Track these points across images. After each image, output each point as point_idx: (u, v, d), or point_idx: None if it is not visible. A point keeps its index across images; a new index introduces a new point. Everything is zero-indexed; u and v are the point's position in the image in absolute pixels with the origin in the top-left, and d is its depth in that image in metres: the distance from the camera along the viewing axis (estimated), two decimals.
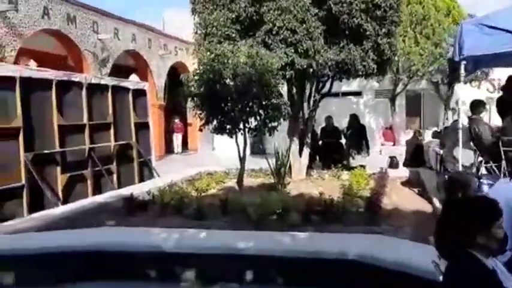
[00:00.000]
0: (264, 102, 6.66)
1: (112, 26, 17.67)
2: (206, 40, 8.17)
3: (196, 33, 9.19)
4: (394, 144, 22.89)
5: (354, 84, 22.93)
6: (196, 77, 6.80)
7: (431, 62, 18.61)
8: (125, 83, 11.01)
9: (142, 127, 11.73)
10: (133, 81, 11.48)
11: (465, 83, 22.12)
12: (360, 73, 8.66)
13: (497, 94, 26.44)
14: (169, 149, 23.21)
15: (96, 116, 9.99)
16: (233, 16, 8.29)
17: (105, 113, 10.30)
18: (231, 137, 7.14)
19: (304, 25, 8.11)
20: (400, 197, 8.32)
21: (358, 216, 6.65)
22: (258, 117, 6.84)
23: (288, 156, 9.21)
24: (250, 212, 6.72)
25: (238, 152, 7.62)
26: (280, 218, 6.52)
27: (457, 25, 19.65)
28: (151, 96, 17.49)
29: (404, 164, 12.13)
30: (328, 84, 10.36)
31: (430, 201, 7.86)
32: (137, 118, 11.40)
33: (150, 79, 19.73)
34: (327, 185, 9.45)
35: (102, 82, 10.36)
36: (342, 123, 14.41)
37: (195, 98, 6.91)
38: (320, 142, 12.49)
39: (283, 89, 8.85)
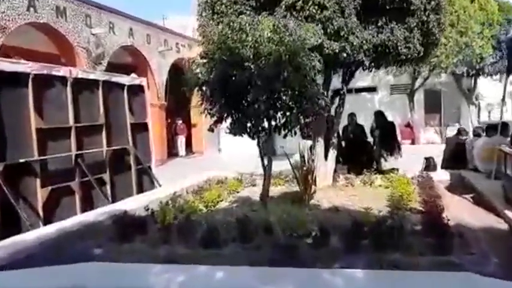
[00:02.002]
0: (297, 91, 5.06)
1: (107, 19, 16.18)
2: (214, 21, 6.60)
3: (201, 14, 7.65)
4: (412, 143, 21.31)
5: (367, 79, 21.37)
6: (204, 60, 5.23)
7: (455, 52, 16.99)
8: (118, 78, 9.48)
9: (141, 129, 10.18)
10: (128, 77, 9.92)
11: (489, 75, 20.70)
12: (404, 57, 7.06)
13: None
14: (172, 153, 21.73)
15: (85, 117, 8.45)
16: None
17: (96, 113, 8.76)
18: (253, 138, 5.57)
19: None
20: (457, 208, 6.75)
21: (420, 240, 5.08)
22: (288, 111, 5.22)
23: (314, 160, 7.61)
24: (277, 234, 5.18)
25: (262, 158, 6.03)
26: (318, 243, 4.97)
27: (483, 11, 18.19)
28: (151, 96, 16.03)
29: (443, 166, 10.57)
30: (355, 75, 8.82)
31: (498, 214, 6.31)
32: (134, 119, 9.86)
33: (150, 77, 18.23)
34: (361, 194, 7.90)
35: (91, 77, 8.81)
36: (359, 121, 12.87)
37: (204, 88, 5.32)
38: (343, 143, 10.90)
39: None
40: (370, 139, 11.11)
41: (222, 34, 5.02)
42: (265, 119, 5.28)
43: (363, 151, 10.48)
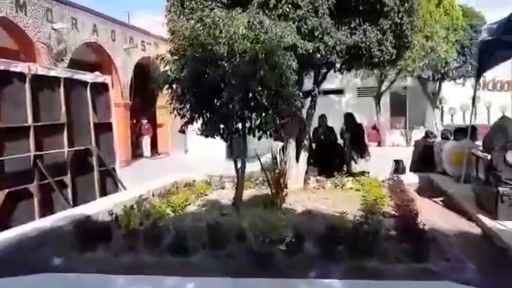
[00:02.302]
0: (273, 91, 4.83)
1: (69, 15, 15.56)
2: (184, 16, 6.30)
3: (169, 10, 7.33)
4: (379, 145, 21.52)
5: (335, 81, 21.45)
6: (175, 57, 4.94)
7: (421, 56, 17.21)
8: (81, 76, 9.03)
9: (104, 129, 9.76)
10: (92, 74, 9.48)
11: (452, 79, 21.13)
12: (376, 60, 6.96)
13: (482, 92, 25.69)
14: (136, 153, 21.18)
15: (45, 116, 7.99)
16: None
17: (56, 112, 8.30)
18: (226, 140, 5.31)
19: None
20: (429, 212, 6.69)
21: (396, 245, 4.96)
22: (264, 112, 4.98)
23: (286, 162, 7.42)
24: (250, 240, 4.96)
25: (235, 160, 5.78)
26: (293, 250, 4.77)
27: (448, 16, 18.52)
28: (116, 95, 15.54)
29: (412, 169, 10.59)
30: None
31: (470, 218, 6.28)
32: (98, 118, 9.43)
33: (114, 75, 17.69)
34: (333, 197, 7.77)
35: (52, 74, 8.34)
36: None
37: (174, 86, 5.03)
38: (313, 144, 10.76)
39: None
40: (339, 141, 11.03)
41: (194, 29, 4.75)
42: (239, 120, 5.03)
43: (333, 153, 10.39)
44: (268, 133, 5.29)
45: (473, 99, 9.18)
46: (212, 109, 4.96)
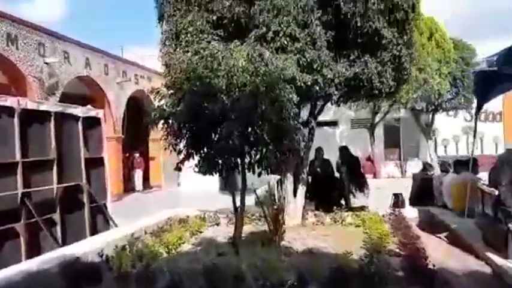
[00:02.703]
0: (274, 125, 4.62)
1: (62, 48, 15.46)
2: (180, 48, 6.16)
3: (164, 43, 7.21)
4: (374, 177, 21.32)
5: (329, 113, 21.42)
6: (171, 90, 4.74)
7: (415, 88, 17.22)
8: (72, 110, 8.80)
9: (96, 164, 9.47)
10: (84, 108, 9.26)
11: (445, 110, 21.16)
12: (376, 92, 6.82)
13: (473, 123, 25.73)
14: (128, 187, 20.79)
15: (34, 152, 7.70)
16: (214, 18, 6.37)
17: (46, 148, 8.02)
18: (224, 177, 5.07)
19: (307, 30, 6.28)
20: (434, 249, 6.42)
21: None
22: (265, 147, 4.75)
23: (284, 197, 7.17)
24: (249, 284, 4.67)
25: (233, 195, 5.51)
26: None
27: (440, 49, 18.67)
28: (108, 128, 15.32)
29: (411, 203, 10.36)
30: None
31: (477, 255, 6.02)
32: (89, 153, 9.15)
33: (107, 109, 17.51)
34: (333, 234, 7.48)
35: (42, 108, 8.10)
36: None
37: (170, 121, 4.81)
38: (309, 178, 10.52)
39: None
40: (336, 174, 10.81)
41: (191, 62, 4.58)
42: (238, 156, 4.79)
43: (331, 187, 10.14)
44: (269, 169, 5.06)
45: (475, 131, 9.06)
46: (210, 145, 4.73)
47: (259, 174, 5.00)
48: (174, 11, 6.91)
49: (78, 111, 9.04)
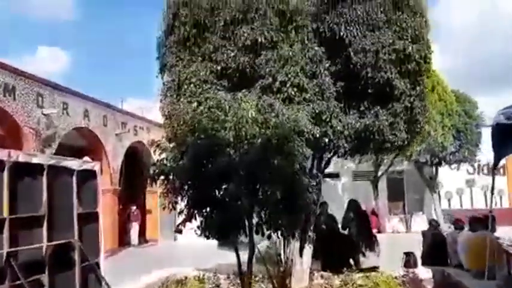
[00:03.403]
0: (287, 182, 4.20)
1: (60, 99, 15.24)
2: (184, 98, 5.84)
3: (166, 94, 6.91)
4: (379, 232, 20.63)
5: (330, 165, 21.04)
6: (172, 143, 4.36)
7: (419, 141, 16.96)
8: (67, 163, 8.35)
9: (89, 219, 8.90)
10: (79, 161, 8.83)
11: (449, 164, 20.84)
12: (388, 145, 6.47)
13: (478, 176, 25.40)
14: (124, 241, 20.03)
15: (24, 207, 7.17)
16: (218, 68, 6.10)
17: (37, 203, 7.50)
18: (232, 242, 4.58)
19: (316, 80, 6.00)
20: None
21: None
22: (275, 207, 4.29)
23: (292, 259, 6.63)
24: None
25: (237, 256, 4.99)
26: None
27: (442, 101, 18.58)
28: (104, 180, 14.87)
29: (424, 262, 9.76)
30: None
31: None
32: (83, 208, 8.61)
33: (104, 161, 17.12)
34: None
35: (35, 161, 7.65)
36: None
37: (171, 177, 4.39)
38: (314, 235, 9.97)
39: None
40: (342, 230, 10.28)
41: (196, 113, 4.24)
42: (246, 217, 4.34)
43: (338, 244, 9.58)
44: (279, 231, 4.59)
45: (492, 187, 8.58)
46: (214, 204, 4.29)
47: (269, 237, 4.54)
48: (176, 61, 6.67)
49: (73, 164, 8.61)
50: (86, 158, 12.32)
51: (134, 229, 20.95)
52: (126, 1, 59.94)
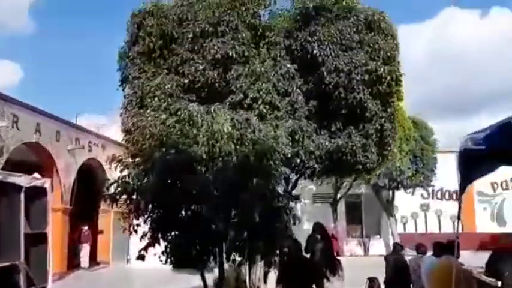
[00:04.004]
0: (267, 204, 3.89)
1: (10, 112, 14.37)
2: (147, 111, 5.45)
3: (126, 108, 6.50)
4: (337, 255, 20.52)
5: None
6: (137, 159, 3.96)
7: (387, 163, 17.16)
8: (14, 179, 7.72)
9: (37, 240, 8.24)
10: (28, 177, 8.20)
11: (406, 188, 21.15)
12: (360, 167, 6.31)
13: (432, 201, 25.92)
14: (73, 263, 18.92)
15: None
16: (186, 81, 5.77)
17: None
18: (201, 272, 4.17)
19: (288, 98, 5.79)
20: None
21: None
22: (250, 232, 3.95)
23: (257, 286, 6.27)
24: None
25: (203, 279, 4.57)
26: None
27: (401, 127, 18.91)
28: (55, 198, 14.02)
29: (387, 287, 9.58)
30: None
31: None
32: (30, 228, 7.96)
33: (55, 178, 16.21)
34: None
35: None
36: None
37: (135, 197, 3.97)
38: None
39: None
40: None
41: (166, 126, 3.88)
42: (220, 243, 3.96)
43: (300, 269, 9.25)
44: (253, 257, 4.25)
45: (458, 214, 8.51)
46: (184, 228, 3.90)
47: (240, 264, 4.19)
48: (140, 73, 6.30)
49: (21, 180, 7.96)
50: (36, 175, 11.56)
51: (85, 250, 19.87)
52: (83, 15, 58.70)
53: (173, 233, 4.08)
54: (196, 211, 3.82)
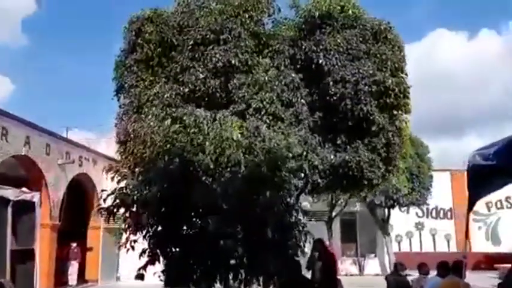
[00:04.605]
0: (280, 220, 3.58)
1: None
2: (148, 117, 5.14)
3: (122, 118, 6.21)
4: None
5: None
6: (138, 169, 3.65)
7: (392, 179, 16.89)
8: (2, 192, 7.40)
9: (24, 257, 7.91)
10: (16, 190, 7.86)
11: (402, 206, 20.88)
12: (365, 182, 6.03)
13: (426, 219, 25.70)
14: (60, 281, 18.28)
15: None
16: (186, 90, 5.49)
17: None
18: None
19: (292, 109, 5.52)
20: None
21: None
22: (261, 250, 3.62)
23: None
24: None
25: None
26: None
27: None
28: (43, 214, 13.53)
29: None
30: None
31: None
32: (17, 244, 7.61)
33: (44, 193, 15.72)
34: None
35: None
36: None
37: (135, 209, 3.65)
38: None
39: None
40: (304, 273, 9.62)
41: (172, 132, 3.58)
42: (227, 263, 3.63)
43: None
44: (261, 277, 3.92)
45: (466, 231, 8.28)
46: (188, 245, 3.58)
47: (246, 285, 3.85)
48: (137, 81, 6.01)
49: (9, 193, 7.63)
50: (24, 189, 11.13)
51: (73, 268, 19.24)
52: (77, 29, 58.46)
53: (176, 250, 3.75)
54: (202, 226, 3.50)
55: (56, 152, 16.96)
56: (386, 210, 20.95)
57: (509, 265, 16.50)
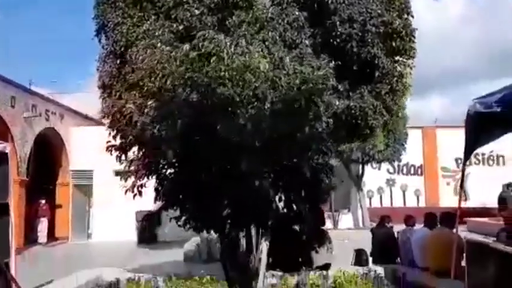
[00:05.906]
0: (315, 160, 3.24)
1: None
2: (158, 45, 4.57)
3: (105, 61, 5.66)
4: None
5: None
6: (152, 101, 3.19)
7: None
8: None
9: None
10: None
11: (378, 162, 21.01)
12: (368, 131, 5.74)
13: (397, 176, 26.13)
14: (30, 239, 17.79)
15: None
16: (180, 28, 4.96)
17: None
18: (231, 238, 3.49)
19: (295, 51, 5.09)
20: None
21: None
22: (296, 193, 3.29)
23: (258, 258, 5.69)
24: None
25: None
26: None
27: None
28: (11, 170, 12.89)
29: (374, 261, 9.30)
30: None
31: None
32: None
33: (10, 147, 14.96)
34: None
35: None
36: None
37: (159, 147, 3.19)
38: None
39: None
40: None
41: (191, 59, 3.10)
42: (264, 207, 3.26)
43: (288, 240, 8.78)
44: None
45: (462, 180, 8.26)
46: (213, 188, 3.19)
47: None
48: (123, 18, 5.42)
49: None
50: None
51: (42, 225, 18.76)
52: None
53: (199, 195, 3.36)
54: (230, 165, 3.12)
55: (21, 104, 16.13)
56: (360, 166, 21.08)
57: (477, 219, 17.00)
